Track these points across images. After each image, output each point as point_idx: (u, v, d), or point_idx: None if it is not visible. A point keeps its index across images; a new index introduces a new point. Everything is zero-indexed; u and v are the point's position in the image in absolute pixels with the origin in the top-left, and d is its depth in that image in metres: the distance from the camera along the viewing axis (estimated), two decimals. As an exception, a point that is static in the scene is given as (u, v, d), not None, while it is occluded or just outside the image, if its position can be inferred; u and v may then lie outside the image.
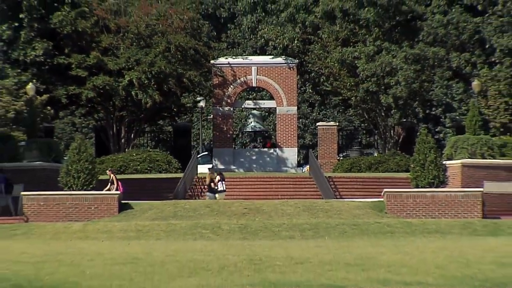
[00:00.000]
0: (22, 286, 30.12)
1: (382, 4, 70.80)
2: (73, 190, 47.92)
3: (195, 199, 54.97)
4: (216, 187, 53.91)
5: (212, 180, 54.08)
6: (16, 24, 66.03)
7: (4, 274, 29.30)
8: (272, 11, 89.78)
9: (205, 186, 55.18)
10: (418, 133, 63.36)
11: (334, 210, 46.88)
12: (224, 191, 53.58)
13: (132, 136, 72.55)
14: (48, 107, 62.80)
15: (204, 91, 76.46)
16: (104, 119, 72.64)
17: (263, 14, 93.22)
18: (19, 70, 64.53)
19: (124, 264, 33.33)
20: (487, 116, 65.81)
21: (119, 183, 50.58)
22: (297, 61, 71.05)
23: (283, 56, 72.03)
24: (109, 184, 50.15)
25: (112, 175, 50.70)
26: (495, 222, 45.02)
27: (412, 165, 50.64)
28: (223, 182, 53.77)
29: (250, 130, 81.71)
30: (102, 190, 48.76)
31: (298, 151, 71.70)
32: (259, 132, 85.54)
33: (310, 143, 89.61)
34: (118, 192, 48.43)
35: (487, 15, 69.13)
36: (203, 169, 65.34)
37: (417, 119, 75.23)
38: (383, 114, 71.90)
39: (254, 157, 70.01)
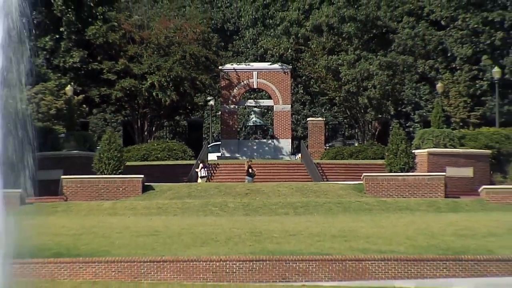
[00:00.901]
0: (62, 254, 30.11)
1: (361, 20, 70.89)
2: (104, 174, 47.93)
3: (206, 181, 54.84)
4: (252, 172, 53.98)
5: (250, 166, 54.23)
6: (57, 36, 66.12)
7: (47, 244, 29.29)
8: (270, 25, 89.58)
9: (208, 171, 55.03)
10: (391, 127, 63.39)
11: (321, 191, 46.81)
12: (206, 176, 53.38)
13: (153, 129, 72.61)
14: (84, 105, 62.82)
15: (213, 92, 76.58)
16: (130, 115, 72.69)
17: (263, 28, 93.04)
18: (59, 75, 64.54)
19: (147, 236, 33.30)
20: (448, 112, 65.83)
21: None
22: (290, 67, 70.88)
23: (279, 63, 71.84)
24: None
25: None
26: (455, 201, 44.96)
27: (386, 154, 50.69)
28: (206, 169, 53.60)
29: (252, 124, 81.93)
30: (129, 174, 48.57)
31: (292, 142, 71.51)
32: (259, 126, 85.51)
33: (302, 135, 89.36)
34: (142, 176, 48.15)
35: (448, 28, 69.06)
36: (213, 156, 65.29)
37: (390, 115, 75.15)
38: (362, 111, 71.86)
39: (255, 147, 69.91)
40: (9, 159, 19.14)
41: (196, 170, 53.72)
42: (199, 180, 53.02)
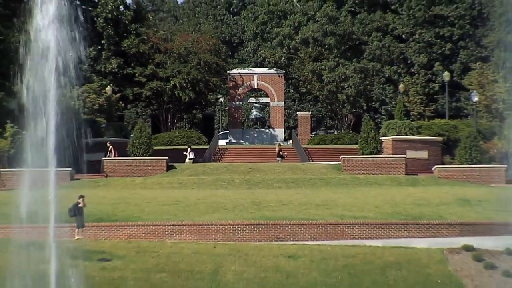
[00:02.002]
0: (103, 219, 30.14)
1: (339, 34, 70.99)
2: (136, 156, 47.90)
3: (217, 162, 54.81)
4: (282, 154, 53.80)
5: (280, 149, 54.17)
6: (99, 47, 66.31)
7: (91, 211, 29.29)
8: (267, 39, 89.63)
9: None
10: (363, 119, 63.41)
11: (308, 169, 46.78)
12: (193, 158, 52.86)
13: (175, 120, 72.68)
14: (120, 102, 62.91)
15: (222, 91, 76.68)
16: (157, 110, 72.71)
17: (262, 40, 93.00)
18: (101, 77, 64.76)
19: (170, 205, 33.29)
20: (408, 107, 65.86)
21: (115, 151, 49.21)
22: (283, 71, 70.80)
23: (274, 68, 71.78)
24: (109, 152, 49.15)
25: (110, 146, 49.62)
26: (414, 177, 44.94)
27: (359, 140, 50.68)
28: (193, 152, 53.16)
29: (253, 117, 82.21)
30: (156, 156, 48.45)
31: (285, 131, 71.45)
32: (259, 118, 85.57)
33: (293, 125, 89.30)
34: (166, 157, 47.94)
35: (408, 41, 69.06)
36: (222, 142, 65.26)
37: (363, 109, 75.15)
38: (340, 106, 71.85)
39: (255, 135, 69.90)
40: (61, 144, 19.11)
41: (185, 153, 53.31)
42: (187, 161, 52.30)
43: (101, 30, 65.80)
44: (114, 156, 48.56)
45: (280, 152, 54.16)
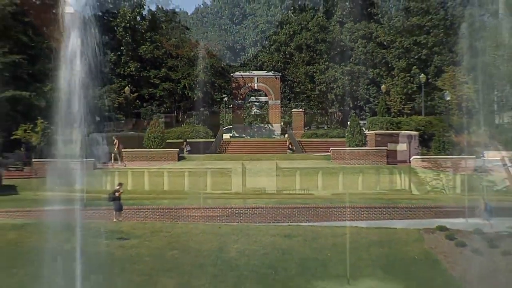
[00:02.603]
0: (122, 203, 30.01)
1: (329, 41, 70.87)
2: (151, 148, 47.91)
3: (222, 153, 54.81)
4: (291, 147, 53.71)
5: (290, 143, 54.17)
6: (119, 53, 66.31)
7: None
8: (266, 45, 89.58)
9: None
10: (350, 116, 63.30)
11: (302, 159, 46.79)
12: (189, 150, 52.63)
13: (185, 117, 72.71)
14: (137, 101, 62.97)
15: (227, 91, 76.61)
16: (169, 107, 72.77)
17: (261, 47, 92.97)
18: (120, 79, 64.66)
19: (181, 189, 33.33)
20: (389, 106, 65.74)
21: (120, 145, 48.72)
22: (280, 74, 70.78)
23: (272, 71, 71.72)
24: (114, 145, 48.79)
25: (116, 140, 49.13)
26: (394, 167, 44.92)
27: (346, 134, 50.69)
28: (188, 145, 52.95)
29: (253, 113, 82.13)
30: (168, 148, 48.36)
31: (281, 126, 71.37)
32: (258, 115, 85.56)
33: (288, 121, 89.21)
34: (177, 149, 47.86)
35: (390, 48, 68.97)
36: (226, 136, 65.20)
37: (349, 107, 75.06)
38: (330, 104, 71.87)
39: (255, 130, 69.91)
40: (86, 137, 19.11)
41: (182, 147, 53.09)
42: (184, 153, 52.07)
43: (120, 38, 65.81)
44: (118, 149, 48.47)
45: (290, 145, 54.37)
